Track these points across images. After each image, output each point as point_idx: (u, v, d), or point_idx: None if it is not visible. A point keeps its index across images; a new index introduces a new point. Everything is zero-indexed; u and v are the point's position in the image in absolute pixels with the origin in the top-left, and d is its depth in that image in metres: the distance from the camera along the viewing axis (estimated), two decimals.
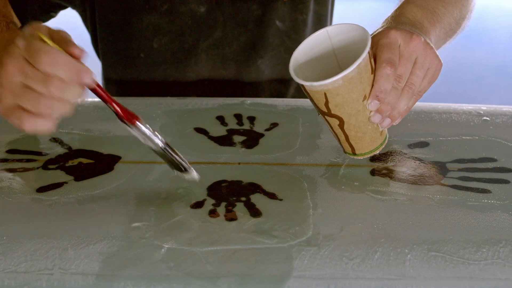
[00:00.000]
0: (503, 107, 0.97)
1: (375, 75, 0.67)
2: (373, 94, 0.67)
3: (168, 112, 0.94)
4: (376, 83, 0.67)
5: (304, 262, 0.58)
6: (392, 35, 0.70)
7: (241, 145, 0.84)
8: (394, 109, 0.70)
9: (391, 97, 0.69)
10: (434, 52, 0.72)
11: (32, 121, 0.59)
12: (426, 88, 0.72)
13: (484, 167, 0.78)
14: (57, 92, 0.58)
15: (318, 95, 0.67)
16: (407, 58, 0.69)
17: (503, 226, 0.65)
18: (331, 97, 0.67)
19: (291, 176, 0.75)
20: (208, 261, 0.58)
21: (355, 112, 0.68)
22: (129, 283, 0.55)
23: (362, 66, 0.65)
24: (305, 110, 0.96)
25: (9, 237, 0.62)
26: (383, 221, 0.65)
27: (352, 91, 0.66)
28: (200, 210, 0.67)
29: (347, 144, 0.73)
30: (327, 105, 0.68)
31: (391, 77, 0.67)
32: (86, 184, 0.73)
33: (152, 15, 1.01)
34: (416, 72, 0.70)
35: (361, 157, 0.74)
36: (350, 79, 0.65)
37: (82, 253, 0.59)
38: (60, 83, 0.58)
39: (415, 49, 0.70)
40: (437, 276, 0.57)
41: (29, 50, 0.58)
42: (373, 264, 0.58)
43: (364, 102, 0.68)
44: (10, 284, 0.55)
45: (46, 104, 0.59)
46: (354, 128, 0.70)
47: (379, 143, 0.73)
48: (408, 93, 0.70)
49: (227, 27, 1.03)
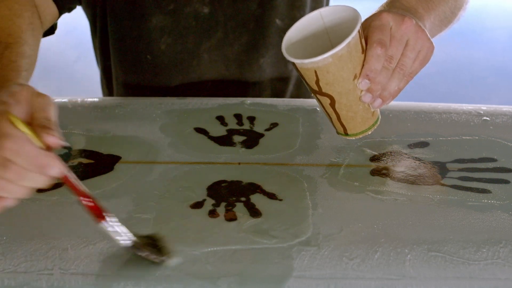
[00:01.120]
0: (503, 107, 0.97)
1: (366, 55, 0.68)
2: (364, 73, 0.68)
3: (168, 112, 0.94)
4: (366, 63, 0.68)
5: (304, 262, 0.58)
6: (383, 17, 0.70)
7: (241, 145, 0.84)
8: (385, 89, 0.70)
9: (382, 77, 0.69)
10: (426, 34, 0.72)
11: None
12: (417, 69, 0.73)
13: (484, 167, 0.78)
14: (15, 178, 0.54)
15: (309, 72, 0.68)
16: (398, 39, 0.70)
17: (503, 226, 0.65)
18: (321, 75, 0.67)
19: (291, 176, 0.75)
20: (208, 261, 0.58)
21: (345, 91, 0.69)
22: (129, 283, 0.55)
23: (352, 45, 0.66)
24: (305, 110, 0.96)
25: (9, 237, 0.62)
26: (383, 221, 0.65)
27: (342, 69, 0.67)
28: (200, 210, 0.67)
29: (339, 124, 0.73)
30: (318, 83, 0.69)
31: (382, 57, 0.68)
32: (86, 184, 0.72)
33: (158, 16, 1.01)
34: (407, 53, 0.71)
35: (353, 138, 0.74)
36: (339, 57, 0.66)
37: (82, 253, 0.59)
38: (19, 170, 0.54)
39: (407, 31, 0.70)
40: (437, 276, 0.57)
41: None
42: (373, 264, 0.58)
43: (355, 81, 0.69)
44: (10, 284, 0.55)
45: (1, 185, 0.54)
46: (345, 107, 0.71)
47: (370, 123, 0.74)
48: (399, 74, 0.71)
49: (228, 27, 1.03)
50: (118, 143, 0.84)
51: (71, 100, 0.98)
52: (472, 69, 3.80)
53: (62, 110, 0.96)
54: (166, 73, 1.05)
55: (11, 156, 0.53)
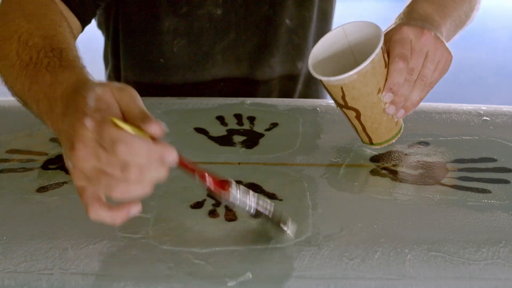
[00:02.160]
0: (503, 107, 0.97)
1: (389, 69, 0.72)
2: (387, 87, 0.72)
3: (168, 112, 0.94)
4: (389, 77, 0.72)
5: (304, 262, 0.58)
6: (404, 30, 0.74)
7: (241, 145, 0.84)
8: (408, 101, 0.74)
9: (404, 89, 0.73)
10: (444, 45, 0.76)
11: (98, 211, 0.54)
12: (437, 79, 0.77)
13: (484, 167, 0.78)
14: (138, 177, 0.52)
15: (335, 89, 0.72)
16: (418, 52, 0.74)
17: (503, 226, 0.65)
18: (347, 91, 0.71)
19: (291, 176, 0.75)
20: (208, 261, 0.58)
21: (370, 105, 0.73)
22: (129, 283, 0.55)
23: (376, 61, 0.70)
24: (305, 110, 0.96)
25: (9, 237, 0.62)
26: (383, 221, 0.65)
27: (367, 84, 0.71)
28: (200, 210, 0.67)
29: (364, 134, 0.78)
30: (344, 99, 0.73)
31: (404, 71, 0.72)
32: None
33: (172, 19, 1.01)
34: (427, 65, 0.74)
35: (378, 146, 0.79)
36: (364, 73, 0.70)
37: (82, 253, 0.59)
38: (140, 169, 0.52)
39: (426, 43, 0.74)
40: (437, 276, 0.57)
41: (103, 136, 0.52)
42: (373, 264, 0.58)
43: (379, 95, 0.73)
44: (10, 284, 0.55)
45: (123, 189, 0.52)
46: (370, 119, 0.75)
47: (394, 132, 0.78)
48: (420, 85, 0.74)
49: (241, 28, 1.04)
50: None
51: None
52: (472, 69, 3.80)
53: None
54: (179, 75, 1.06)
55: (129, 157, 0.51)
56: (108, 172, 0.52)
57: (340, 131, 0.87)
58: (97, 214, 0.54)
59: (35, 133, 0.86)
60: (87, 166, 0.52)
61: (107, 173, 0.52)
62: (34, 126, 0.88)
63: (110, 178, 0.52)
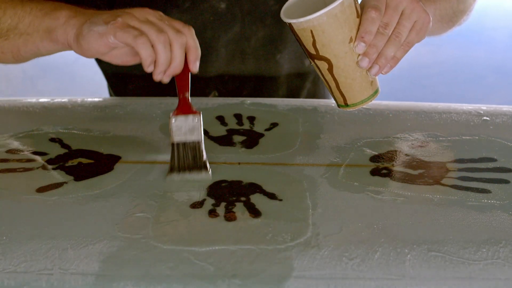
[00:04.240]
0: (503, 107, 0.97)
1: (361, 19, 0.71)
2: (359, 36, 0.71)
3: (168, 112, 0.94)
4: (361, 26, 0.71)
5: (304, 262, 0.58)
6: None
7: (241, 145, 0.84)
8: (381, 55, 0.72)
9: (377, 41, 0.71)
10: (421, 6, 0.74)
11: (148, 47, 0.71)
12: (414, 40, 0.74)
13: (484, 167, 0.78)
14: (172, 34, 0.72)
15: (305, 34, 0.71)
16: (393, 8, 0.72)
17: (503, 226, 0.65)
18: (317, 35, 0.70)
19: (291, 176, 0.75)
20: (208, 261, 0.58)
21: (342, 54, 0.71)
22: (129, 283, 0.55)
23: (346, 6, 0.69)
24: (305, 110, 0.96)
25: (9, 237, 0.62)
26: (383, 221, 0.65)
27: (337, 30, 0.70)
28: (200, 210, 0.67)
29: (338, 93, 0.75)
30: (314, 45, 0.71)
31: (376, 20, 0.71)
32: (86, 184, 0.73)
33: (174, 13, 1.01)
34: (403, 22, 0.73)
35: (353, 108, 0.76)
36: (334, 16, 0.69)
37: (82, 253, 0.59)
38: (177, 31, 0.72)
39: (402, 0, 0.73)
40: (437, 276, 0.57)
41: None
42: (373, 264, 0.58)
43: (351, 44, 0.71)
44: (10, 284, 0.55)
45: (165, 38, 0.70)
46: (343, 72, 0.73)
47: (370, 93, 0.75)
48: (395, 41, 0.72)
49: (246, 22, 1.04)
50: (118, 143, 0.84)
51: (71, 100, 0.99)
52: (472, 69, 3.80)
53: (62, 110, 0.96)
54: None
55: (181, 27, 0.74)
56: (157, 24, 0.73)
57: (340, 131, 0.87)
58: (148, 49, 0.72)
59: (35, 133, 0.86)
60: (141, 15, 0.73)
61: (156, 24, 0.72)
62: (34, 126, 0.88)
63: (157, 27, 0.72)
